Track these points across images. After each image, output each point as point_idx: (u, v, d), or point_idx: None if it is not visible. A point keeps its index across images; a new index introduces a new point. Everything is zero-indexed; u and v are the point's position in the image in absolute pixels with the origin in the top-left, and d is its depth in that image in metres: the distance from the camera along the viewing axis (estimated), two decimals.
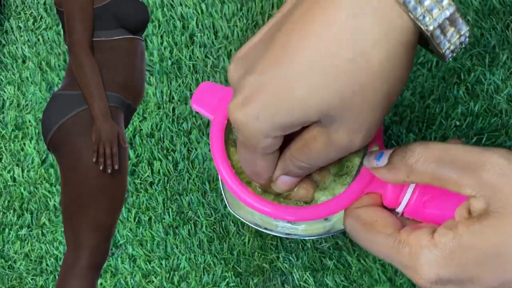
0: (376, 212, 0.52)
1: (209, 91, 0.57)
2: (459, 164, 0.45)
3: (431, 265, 0.45)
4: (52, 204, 1.52)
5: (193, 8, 1.48)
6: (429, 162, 0.47)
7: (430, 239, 0.46)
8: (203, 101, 0.57)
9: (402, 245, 0.47)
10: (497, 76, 1.12)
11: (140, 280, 1.45)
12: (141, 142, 1.46)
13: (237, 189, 0.54)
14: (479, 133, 1.95)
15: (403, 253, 0.47)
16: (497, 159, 0.44)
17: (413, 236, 0.47)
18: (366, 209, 0.53)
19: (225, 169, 0.54)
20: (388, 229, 0.49)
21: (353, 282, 1.22)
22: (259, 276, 1.27)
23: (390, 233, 0.49)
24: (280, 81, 0.43)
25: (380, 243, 0.49)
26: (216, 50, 1.38)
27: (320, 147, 0.47)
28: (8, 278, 1.51)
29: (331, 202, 0.55)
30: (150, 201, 1.41)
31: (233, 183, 0.54)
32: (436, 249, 0.45)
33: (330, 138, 0.45)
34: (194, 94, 0.57)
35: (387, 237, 0.49)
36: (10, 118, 1.61)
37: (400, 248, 0.47)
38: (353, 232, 0.52)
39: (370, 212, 0.52)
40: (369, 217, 0.52)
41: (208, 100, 0.57)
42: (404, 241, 0.47)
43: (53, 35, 1.54)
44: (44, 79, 1.61)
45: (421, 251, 0.46)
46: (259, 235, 1.21)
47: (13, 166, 1.54)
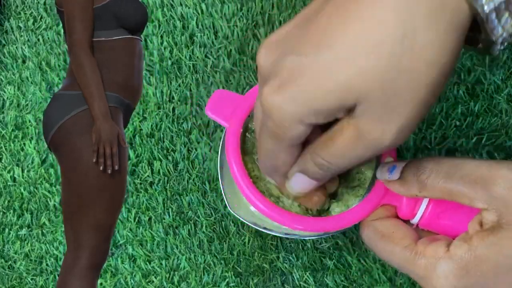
0: (393, 224, 0.53)
1: (224, 98, 0.57)
2: (470, 179, 0.46)
3: (447, 277, 0.46)
4: (52, 204, 1.52)
5: (193, 8, 1.48)
6: (440, 178, 0.47)
7: (446, 251, 0.47)
8: (218, 109, 0.57)
9: (419, 256, 0.48)
10: (497, 76, 1.12)
11: (140, 280, 1.45)
12: (141, 142, 1.46)
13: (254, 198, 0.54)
14: (479, 133, 1.95)
15: (419, 264, 0.48)
16: (506, 173, 0.44)
17: (430, 248, 0.48)
18: (383, 221, 0.53)
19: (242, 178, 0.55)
20: (405, 241, 0.50)
21: (353, 282, 1.22)
22: (259, 276, 1.27)
23: (407, 245, 0.49)
24: (322, 63, 0.41)
25: (397, 255, 0.50)
26: (216, 50, 1.38)
27: (346, 141, 0.45)
28: (8, 278, 1.50)
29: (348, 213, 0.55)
30: (150, 201, 1.41)
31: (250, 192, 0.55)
32: (452, 261, 0.46)
33: (359, 129, 0.44)
34: (209, 101, 0.57)
35: (405, 249, 0.49)
36: (10, 118, 1.61)
37: (416, 260, 0.48)
38: (371, 243, 0.52)
39: (387, 224, 0.53)
40: (387, 229, 0.52)
41: (223, 108, 0.57)
42: (421, 253, 0.48)
43: (53, 35, 1.54)
44: (44, 79, 1.61)
45: (438, 263, 0.46)
46: (259, 235, 1.21)
47: (13, 166, 1.54)
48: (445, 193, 0.48)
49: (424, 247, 0.48)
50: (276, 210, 0.54)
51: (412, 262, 0.49)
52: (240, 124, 0.56)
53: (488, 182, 0.45)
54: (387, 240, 0.51)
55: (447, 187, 0.47)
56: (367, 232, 0.53)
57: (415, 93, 0.42)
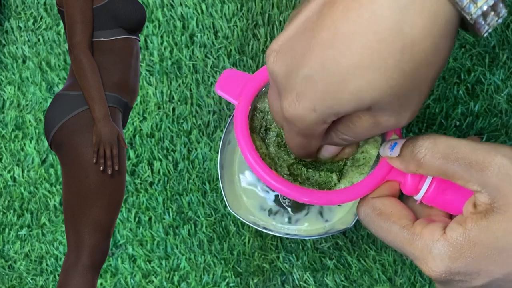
0: (392, 203, 0.54)
1: (233, 77, 0.58)
2: (465, 161, 0.47)
3: (442, 258, 0.47)
4: (52, 204, 1.52)
5: (193, 8, 1.49)
6: (437, 158, 0.49)
7: (442, 234, 0.48)
8: (226, 87, 0.58)
9: (416, 237, 0.50)
10: (497, 76, 1.12)
11: (140, 280, 1.45)
12: (141, 142, 1.46)
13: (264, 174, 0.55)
14: (479, 133, 1.96)
15: (416, 245, 0.50)
16: (501, 160, 0.46)
17: (427, 230, 0.50)
18: (382, 199, 0.55)
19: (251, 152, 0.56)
20: (403, 221, 0.52)
21: (353, 282, 1.22)
22: (259, 276, 1.27)
23: (404, 225, 0.51)
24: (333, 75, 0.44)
25: (394, 234, 0.52)
26: (216, 50, 1.39)
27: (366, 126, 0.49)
28: (8, 278, 1.51)
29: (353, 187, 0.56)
30: (150, 201, 1.40)
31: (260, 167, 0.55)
32: (447, 244, 0.48)
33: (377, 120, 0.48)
34: (219, 80, 0.58)
35: (402, 229, 0.51)
36: (10, 118, 1.61)
37: (413, 240, 0.50)
38: (368, 220, 0.54)
39: (386, 202, 0.54)
40: (385, 207, 0.54)
41: (232, 86, 0.58)
42: (418, 234, 0.50)
43: (53, 35, 1.54)
44: (44, 79, 1.61)
45: (434, 245, 0.48)
46: (259, 235, 1.21)
47: (13, 166, 1.54)
48: (441, 173, 0.50)
49: (421, 228, 0.50)
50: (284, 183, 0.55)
51: (409, 242, 0.50)
52: (249, 102, 0.57)
53: (482, 167, 0.46)
54: (384, 218, 0.53)
55: (442, 167, 0.49)
56: (364, 208, 0.55)
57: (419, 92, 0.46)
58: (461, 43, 1.35)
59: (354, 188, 0.56)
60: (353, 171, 0.60)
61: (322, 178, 0.59)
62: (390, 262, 1.08)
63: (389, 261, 1.08)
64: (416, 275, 1.07)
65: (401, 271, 1.05)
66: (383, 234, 0.54)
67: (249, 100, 0.58)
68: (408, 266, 1.07)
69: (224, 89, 0.59)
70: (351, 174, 0.59)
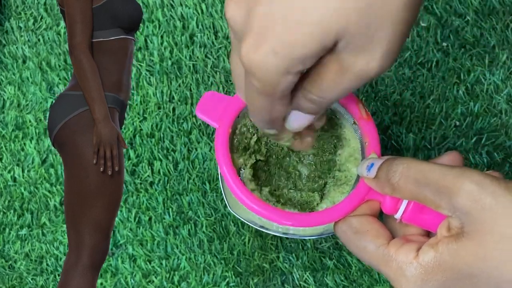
0: (368, 221, 0.54)
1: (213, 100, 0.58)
2: (436, 187, 0.48)
3: (415, 281, 0.48)
4: (53, 204, 1.53)
5: (193, 8, 1.49)
6: (409, 183, 0.50)
7: (415, 256, 0.49)
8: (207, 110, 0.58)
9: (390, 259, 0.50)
10: (497, 76, 1.12)
11: (140, 280, 1.45)
12: (141, 142, 1.46)
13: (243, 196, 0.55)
14: (479, 133, 1.96)
15: (390, 266, 0.50)
16: (469, 186, 0.46)
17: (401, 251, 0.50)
18: (359, 218, 0.55)
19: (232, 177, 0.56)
20: (378, 240, 0.52)
21: (353, 282, 1.23)
22: (259, 276, 1.27)
23: (380, 245, 0.51)
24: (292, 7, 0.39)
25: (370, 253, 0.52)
26: (216, 50, 1.39)
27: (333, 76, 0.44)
28: (9, 278, 1.51)
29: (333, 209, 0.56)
30: (150, 201, 1.41)
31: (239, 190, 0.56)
32: (420, 266, 0.48)
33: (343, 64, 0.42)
34: (199, 103, 0.58)
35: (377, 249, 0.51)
36: (10, 118, 1.61)
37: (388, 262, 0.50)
38: (345, 238, 0.54)
39: (362, 221, 0.54)
40: (362, 225, 0.54)
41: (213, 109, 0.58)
42: (392, 256, 0.50)
43: (53, 35, 1.54)
44: (44, 79, 1.61)
45: (407, 268, 0.49)
46: (259, 235, 1.21)
47: (13, 166, 1.54)
48: (414, 197, 0.50)
49: (396, 249, 0.50)
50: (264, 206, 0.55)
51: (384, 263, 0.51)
52: (229, 125, 0.57)
53: (452, 193, 0.46)
54: (360, 236, 0.53)
55: (414, 192, 0.49)
56: (341, 225, 0.55)
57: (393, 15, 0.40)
58: (461, 43, 1.35)
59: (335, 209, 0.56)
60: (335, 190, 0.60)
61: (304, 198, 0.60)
62: None
63: None
64: None
65: None
66: (359, 253, 0.54)
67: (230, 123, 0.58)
68: None
69: (205, 113, 0.59)
70: (333, 193, 0.60)
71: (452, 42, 1.31)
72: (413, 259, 0.48)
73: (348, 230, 0.54)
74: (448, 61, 1.16)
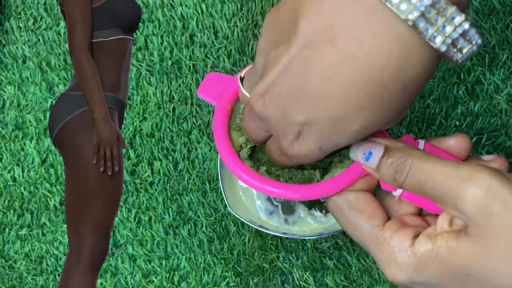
0: (366, 199, 0.54)
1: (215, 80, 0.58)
2: (442, 190, 0.47)
3: (407, 269, 0.48)
4: (52, 204, 1.52)
5: (193, 8, 1.48)
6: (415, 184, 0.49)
7: (411, 245, 0.48)
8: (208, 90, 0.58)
9: (384, 242, 0.50)
10: (497, 76, 1.12)
11: (140, 280, 1.45)
12: (141, 142, 1.46)
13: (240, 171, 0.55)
14: (479, 133, 1.95)
15: (382, 250, 0.50)
16: (475, 191, 0.45)
17: (396, 237, 0.49)
18: (356, 193, 0.54)
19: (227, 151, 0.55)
20: (374, 221, 0.51)
21: (353, 282, 1.22)
22: (259, 276, 1.27)
23: (375, 226, 0.50)
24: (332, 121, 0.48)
25: (363, 232, 0.51)
26: (216, 50, 1.39)
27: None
28: (8, 278, 1.51)
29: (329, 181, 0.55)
30: (150, 201, 1.41)
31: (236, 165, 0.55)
32: (414, 256, 0.48)
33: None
34: (201, 83, 0.58)
35: (372, 229, 0.51)
36: (10, 118, 1.61)
37: (381, 244, 0.50)
38: (338, 212, 0.54)
39: (360, 198, 0.53)
40: (358, 203, 0.53)
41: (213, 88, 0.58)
42: (386, 239, 0.50)
43: (53, 35, 1.54)
44: (44, 79, 1.61)
45: (400, 254, 0.48)
46: (259, 235, 1.21)
47: (13, 166, 1.54)
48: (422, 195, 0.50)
49: (391, 233, 0.50)
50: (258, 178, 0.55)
51: (376, 245, 0.50)
52: (227, 101, 0.57)
53: (457, 198, 0.46)
54: (356, 214, 0.52)
55: (421, 192, 0.49)
56: (336, 199, 0.54)
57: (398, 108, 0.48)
58: None
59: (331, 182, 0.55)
60: (336, 166, 0.59)
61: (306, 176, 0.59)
62: None
63: None
64: None
65: None
66: (351, 230, 0.53)
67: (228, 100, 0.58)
68: None
69: (206, 93, 0.59)
70: (334, 169, 0.59)
71: None
72: (408, 247, 0.48)
73: (344, 205, 0.53)
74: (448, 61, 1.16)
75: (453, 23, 0.41)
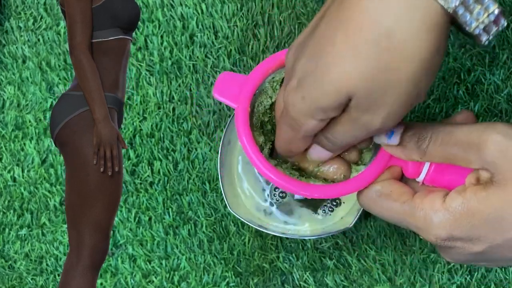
0: (390, 183, 0.56)
1: (229, 80, 0.59)
2: (464, 144, 0.49)
3: (444, 226, 0.50)
4: (52, 204, 1.53)
5: (193, 8, 1.49)
6: (438, 145, 0.51)
7: (442, 203, 0.50)
8: (224, 91, 0.58)
9: (417, 209, 0.51)
10: (497, 76, 1.12)
11: (140, 280, 1.45)
12: (141, 142, 1.47)
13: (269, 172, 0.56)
14: None
15: (418, 216, 0.51)
16: (495, 137, 0.47)
17: (427, 200, 0.51)
18: (381, 182, 0.56)
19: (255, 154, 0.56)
20: (403, 197, 0.53)
21: (353, 282, 1.23)
22: (259, 276, 1.28)
23: (405, 201, 0.52)
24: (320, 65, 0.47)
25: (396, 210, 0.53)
26: (216, 50, 1.39)
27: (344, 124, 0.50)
28: (8, 278, 1.51)
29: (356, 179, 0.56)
30: (150, 201, 1.40)
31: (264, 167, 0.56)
32: (447, 212, 0.50)
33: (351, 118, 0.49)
34: (216, 84, 0.59)
35: (403, 204, 0.53)
36: (10, 118, 1.62)
37: (415, 212, 0.51)
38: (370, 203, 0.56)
39: (385, 184, 0.56)
40: (384, 188, 0.55)
41: (229, 89, 0.58)
42: (418, 206, 0.51)
43: (53, 35, 1.54)
44: (44, 79, 1.61)
45: (435, 214, 0.50)
46: (259, 235, 1.21)
47: (13, 166, 1.54)
48: (444, 158, 0.51)
49: (421, 199, 0.52)
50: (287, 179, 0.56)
51: (410, 215, 0.52)
52: (247, 102, 0.57)
53: (480, 147, 0.48)
54: (385, 198, 0.54)
55: (444, 153, 0.51)
56: (365, 193, 0.56)
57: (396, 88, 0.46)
58: (461, 43, 1.35)
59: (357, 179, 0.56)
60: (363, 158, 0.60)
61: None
62: (390, 262, 1.08)
63: (389, 261, 1.08)
64: (416, 275, 1.07)
65: (401, 271, 1.05)
66: (385, 213, 0.55)
67: (248, 101, 0.58)
68: (408, 266, 1.07)
69: (222, 93, 0.59)
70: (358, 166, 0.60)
71: (452, 42, 1.31)
72: (440, 205, 0.50)
73: (373, 195, 0.55)
74: (448, 61, 1.16)
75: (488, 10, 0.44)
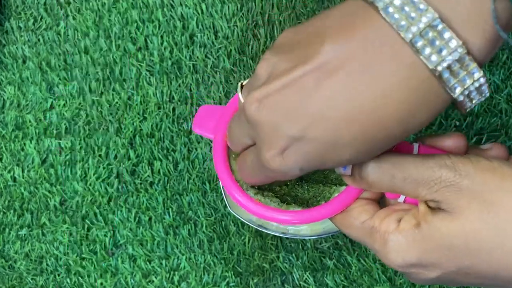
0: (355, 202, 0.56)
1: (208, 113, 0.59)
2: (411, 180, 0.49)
3: (397, 250, 0.49)
4: (52, 204, 1.53)
5: (193, 8, 1.49)
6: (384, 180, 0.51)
7: (397, 227, 0.50)
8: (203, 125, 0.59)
9: (374, 230, 0.51)
10: (497, 76, 1.12)
11: (140, 280, 1.45)
12: (141, 142, 1.47)
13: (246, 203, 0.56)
14: (479, 133, 1.95)
15: (374, 238, 0.51)
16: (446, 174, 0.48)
17: (384, 222, 0.51)
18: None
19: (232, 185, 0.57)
20: (363, 216, 0.53)
21: (353, 282, 1.23)
22: (259, 276, 1.28)
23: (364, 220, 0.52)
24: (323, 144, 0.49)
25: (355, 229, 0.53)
26: (216, 50, 1.39)
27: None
28: (8, 278, 1.51)
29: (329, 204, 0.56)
30: (150, 201, 1.40)
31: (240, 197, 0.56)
32: (401, 236, 0.50)
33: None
34: (195, 118, 0.60)
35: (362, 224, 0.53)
36: (10, 118, 1.62)
37: (372, 234, 0.51)
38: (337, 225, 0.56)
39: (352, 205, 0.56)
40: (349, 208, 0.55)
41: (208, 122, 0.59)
42: (375, 228, 0.51)
43: (53, 35, 1.54)
44: (44, 79, 1.61)
45: (389, 237, 0.50)
46: (259, 235, 1.21)
47: (13, 166, 1.54)
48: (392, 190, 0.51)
49: (380, 221, 0.51)
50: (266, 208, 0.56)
51: (368, 235, 0.52)
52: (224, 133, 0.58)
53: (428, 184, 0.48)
54: (345, 214, 0.54)
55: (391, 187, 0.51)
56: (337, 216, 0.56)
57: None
58: None
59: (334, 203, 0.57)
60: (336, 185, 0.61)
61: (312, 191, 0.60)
62: None
63: None
64: None
65: None
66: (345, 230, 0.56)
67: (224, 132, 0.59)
68: None
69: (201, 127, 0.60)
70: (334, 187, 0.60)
71: None
72: (394, 229, 0.50)
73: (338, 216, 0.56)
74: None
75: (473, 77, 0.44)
